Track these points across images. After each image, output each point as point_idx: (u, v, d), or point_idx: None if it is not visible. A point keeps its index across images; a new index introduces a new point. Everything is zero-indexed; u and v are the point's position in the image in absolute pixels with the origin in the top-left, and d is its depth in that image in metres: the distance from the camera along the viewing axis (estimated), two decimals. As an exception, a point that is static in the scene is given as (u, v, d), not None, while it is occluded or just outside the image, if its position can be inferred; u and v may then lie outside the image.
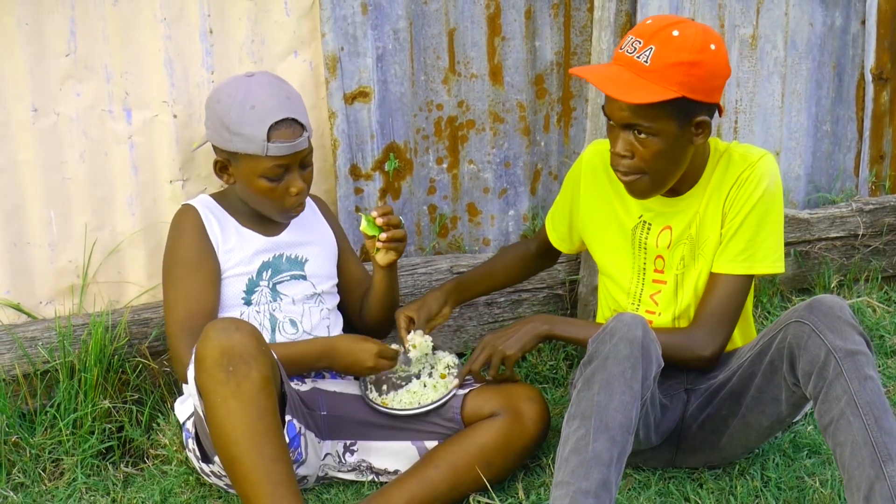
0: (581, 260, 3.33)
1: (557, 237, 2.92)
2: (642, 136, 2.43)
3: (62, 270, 2.94)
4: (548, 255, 3.01)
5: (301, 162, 2.73)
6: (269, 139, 2.64)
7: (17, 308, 2.91)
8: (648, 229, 2.65)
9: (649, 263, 2.65)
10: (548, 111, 3.43)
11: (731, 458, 2.73)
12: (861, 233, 3.67)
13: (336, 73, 3.07)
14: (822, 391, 2.27)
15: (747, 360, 2.51)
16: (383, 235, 2.72)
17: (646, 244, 2.65)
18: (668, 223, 2.62)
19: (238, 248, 2.76)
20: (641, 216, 2.65)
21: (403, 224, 2.78)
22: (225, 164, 2.73)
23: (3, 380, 2.82)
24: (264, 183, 2.69)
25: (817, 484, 2.64)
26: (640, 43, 2.40)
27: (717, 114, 2.50)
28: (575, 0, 3.36)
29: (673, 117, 2.40)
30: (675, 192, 2.60)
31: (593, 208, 2.76)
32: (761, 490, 2.65)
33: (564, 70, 3.40)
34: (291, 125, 2.68)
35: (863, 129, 3.85)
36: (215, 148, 2.75)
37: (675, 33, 2.37)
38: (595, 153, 2.76)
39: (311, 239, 2.88)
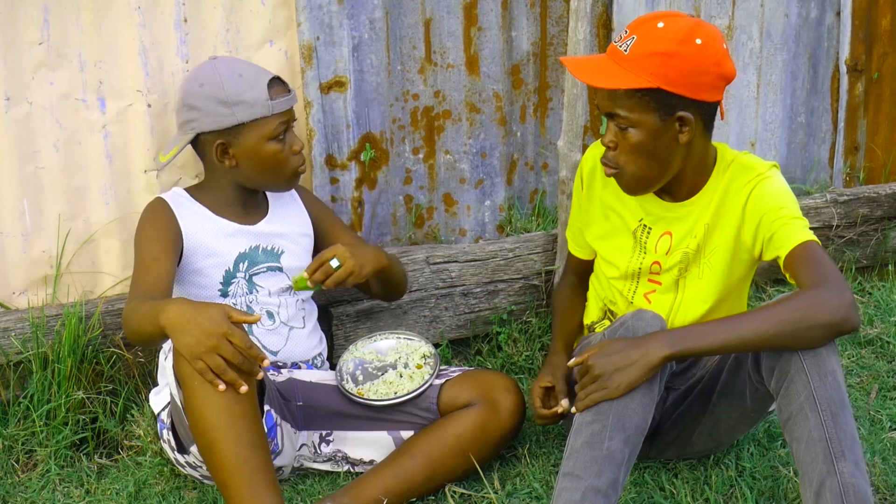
0: (557, 250, 3.33)
1: (577, 246, 2.89)
2: (624, 127, 2.43)
3: (36, 261, 2.92)
4: (586, 274, 2.91)
5: (292, 123, 2.80)
6: (270, 97, 2.69)
7: (-10, 298, 2.90)
8: (648, 232, 2.64)
9: (645, 265, 2.64)
10: (524, 101, 3.43)
11: (703, 453, 2.74)
12: (835, 224, 3.68)
13: (312, 63, 3.05)
14: (783, 387, 2.27)
15: (717, 357, 2.51)
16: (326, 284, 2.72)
17: (645, 247, 2.64)
18: (669, 229, 2.61)
19: (213, 235, 2.75)
20: (641, 219, 2.64)
21: (339, 266, 2.70)
22: (226, 146, 2.72)
23: (-24, 371, 2.82)
24: (273, 146, 2.72)
25: (791, 473, 2.65)
26: (626, 33, 2.41)
27: (717, 115, 2.48)
28: (552, -10, 3.37)
29: (653, 110, 2.39)
30: (674, 196, 2.59)
31: (595, 211, 2.75)
32: (736, 480, 2.66)
33: (541, 60, 3.40)
34: (279, 82, 2.76)
35: (837, 121, 3.86)
36: (207, 136, 2.72)
37: (660, 25, 2.37)
38: (591, 157, 2.75)
39: (287, 230, 2.88)
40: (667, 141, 2.43)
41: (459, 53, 3.28)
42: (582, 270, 2.91)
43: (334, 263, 2.68)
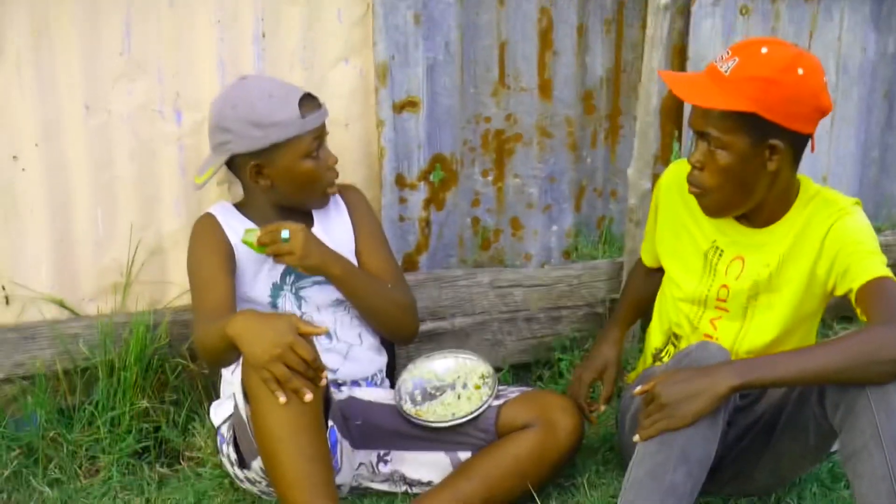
0: (622, 278, 3.31)
1: (648, 256, 2.92)
2: (714, 148, 2.42)
3: (106, 268, 2.95)
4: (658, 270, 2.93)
5: (324, 137, 2.78)
6: (302, 115, 2.67)
7: (61, 304, 2.92)
8: (720, 255, 2.62)
9: (713, 289, 2.63)
10: (595, 127, 3.42)
11: (763, 490, 2.71)
12: (905, 262, 3.63)
13: (386, 82, 3.06)
14: (847, 422, 2.23)
15: (781, 392, 2.48)
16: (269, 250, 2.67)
17: (716, 269, 2.63)
18: (742, 254, 2.59)
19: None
20: (715, 241, 2.63)
21: (287, 239, 2.64)
22: (260, 167, 2.71)
23: (44, 375, 2.84)
24: (308, 164, 2.71)
25: (856, 516, 2.61)
26: (728, 54, 2.39)
27: (808, 148, 2.46)
28: (627, 17, 3.35)
29: (745, 133, 2.38)
30: (752, 222, 2.57)
31: (668, 227, 2.74)
32: (798, 520, 2.63)
33: (614, 86, 3.39)
34: (310, 99, 2.73)
35: (912, 158, 3.82)
36: (242, 158, 2.70)
37: (764, 50, 2.36)
38: (672, 173, 2.75)
39: (331, 242, 2.81)
40: (755, 167, 2.42)
41: (533, 77, 3.27)
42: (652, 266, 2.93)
43: (284, 234, 2.64)
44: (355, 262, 2.88)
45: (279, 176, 2.72)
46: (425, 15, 3.05)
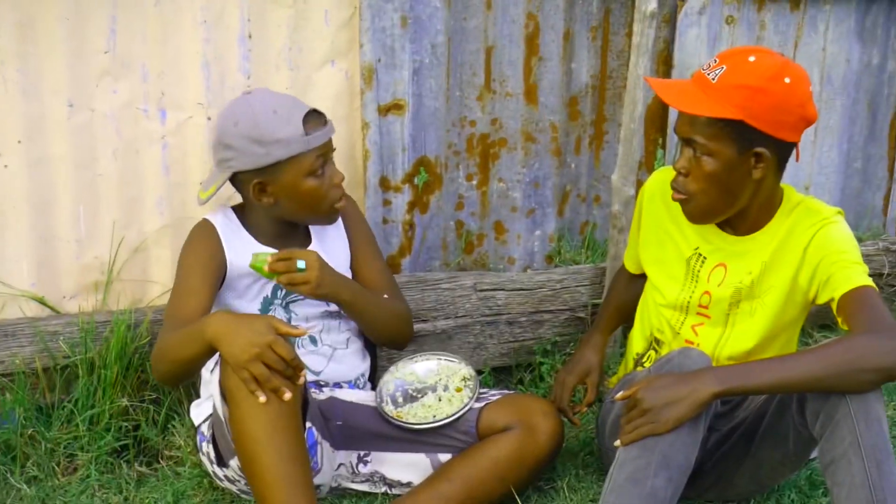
0: (605, 284, 3.32)
1: (631, 262, 2.93)
2: (699, 154, 2.43)
3: (88, 266, 2.95)
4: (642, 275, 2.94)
5: (330, 154, 2.74)
6: (306, 132, 2.62)
7: (41, 301, 2.92)
8: (703, 262, 2.63)
9: (695, 296, 2.64)
10: (580, 133, 3.43)
11: (743, 496, 2.72)
12: (886, 272, 3.65)
13: (372, 85, 3.06)
14: (827, 431, 2.25)
15: (762, 398, 2.50)
16: (282, 278, 2.62)
17: (698, 276, 2.64)
18: (724, 261, 2.60)
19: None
20: (697, 248, 2.64)
21: (302, 269, 2.61)
22: (263, 184, 2.66)
23: (23, 372, 2.83)
24: (312, 182, 2.66)
25: (833, 524, 2.62)
26: (715, 62, 2.41)
27: (793, 157, 2.47)
28: (614, 24, 3.36)
29: (732, 141, 2.39)
30: (735, 229, 2.59)
31: (651, 234, 2.76)
32: (776, 527, 2.64)
33: (599, 93, 3.40)
34: (315, 115, 2.67)
35: (894, 169, 3.83)
36: (245, 175, 2.65)
37: (752, 59, 2.37)
38: (656, 180, 2.76)
39: (328, 256, 2.79)
40: (740, 174, 2.43)
41: (518, 82, 3.28)
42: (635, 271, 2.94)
43: (300, 265, 2.60)
44: (350, 275, 2.88)
45: (282, 193, 2.67)
46: (412, 18, 3.05)
